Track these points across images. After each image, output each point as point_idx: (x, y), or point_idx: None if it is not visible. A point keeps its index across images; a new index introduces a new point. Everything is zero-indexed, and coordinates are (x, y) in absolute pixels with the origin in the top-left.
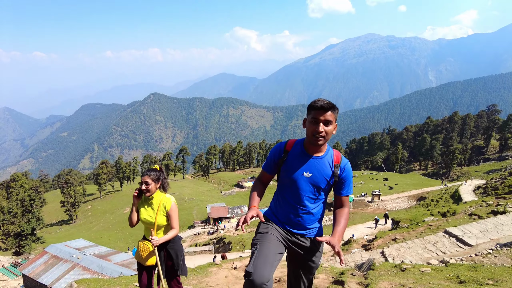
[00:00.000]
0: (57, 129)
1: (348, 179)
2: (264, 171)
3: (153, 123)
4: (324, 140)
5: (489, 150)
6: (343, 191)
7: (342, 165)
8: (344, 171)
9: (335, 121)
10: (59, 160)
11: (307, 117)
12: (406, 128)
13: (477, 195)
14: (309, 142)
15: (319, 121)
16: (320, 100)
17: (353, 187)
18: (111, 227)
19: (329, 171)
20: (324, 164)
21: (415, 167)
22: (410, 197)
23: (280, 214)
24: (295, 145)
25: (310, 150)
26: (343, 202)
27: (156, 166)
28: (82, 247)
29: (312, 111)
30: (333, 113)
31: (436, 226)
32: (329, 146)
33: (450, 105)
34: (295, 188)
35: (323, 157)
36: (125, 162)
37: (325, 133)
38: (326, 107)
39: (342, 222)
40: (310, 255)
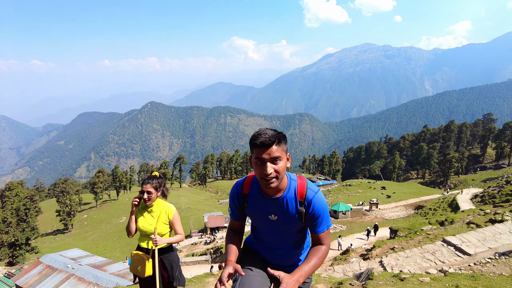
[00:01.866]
0: (54, 138)
1: (319, 214)
2: (233, 220)
3: (150, 132)
4: (278, 180)
5: (486, 158)
6: (318, 228)
7: (308, 201)
8: (312, 207)
9: (286, 153)
10: (55, 169)
11: (251, 156)
12: (403, 137)
13: (474, 204)
14: (262, 185)
15: (265, 161)
16: (261, 135)
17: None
18: (107, 237)
19: (294, 210)
20: (287, 204)
21: (413, 176)
22: (408, 205)
23: (259, 250)
24: (252, 187)
25: (267, 192)
26: (319, 239)
27: (156, 173)
28: (77, 257)
29: (254, 149)
30: (280, 146)
31: (435, 235)
32: (290, 178)
33: (446, 114)
34: (265, 230)
35: (283, 196)
36: (121, 171)
37: (276, 173)
38: (268, 143)
39: (312, 261)
40: None
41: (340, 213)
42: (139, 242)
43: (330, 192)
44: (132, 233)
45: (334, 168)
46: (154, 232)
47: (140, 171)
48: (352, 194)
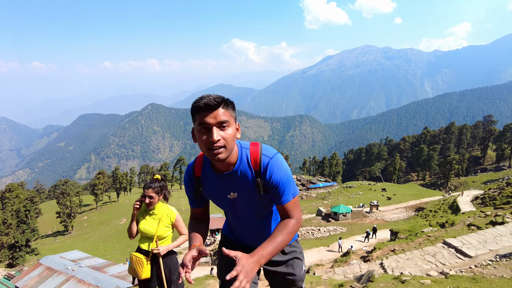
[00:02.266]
0: (54, 139)
1: (279, 181)
2: (193, 208)
3: (151, 134)
4: (226, 151)
5: (486, 160)
6: (282, 198)
7: (263, 168)
8: (269, 175)
9: (235, 121)
10: (55, 170)
11: (194, 125)
12: (403, 139)
13: (475, 206)
14: (210, 159)
15: (210, 126)
16: (204, 97)
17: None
18: (107, 238)
19: (251, 182)
20: (242, 176)
21: (413, 178)
22: (408, 207)
23: (235, 232)
24: (204, 166)
25: (219, 167)
26: (286, 211)
27: (158, 176)
28: (78, 259)
29: (197, 115)
30: (227, 110)
31: (435, 237)
32: (242, 147)
33: (446, 115)
34: (230, 211)
35: (236, 169)
36: (122, 173)
37: (224, 141)
38: (214, 104)
39: (277, 238)
40: (290, 280)
41: (340, 215)
42: (140, 244)
43: (330, 194)
44: (133, 235)
45: (334, 170)
46: (155, 244)
47: (141, 172)
48: (352, 196)
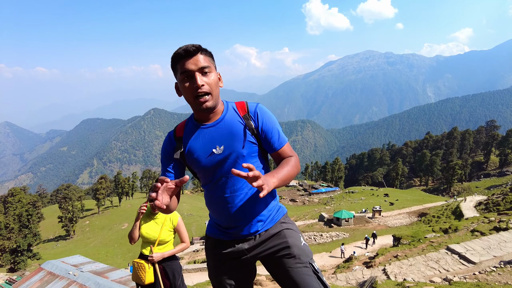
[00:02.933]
0: (57, 144)
1: (272, 125)
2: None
3: (153, 138)
4: (212, 98)
5: (489, 165)
6: (275, 144)
7: (252, 113)
8: (260, 118)
9: (216, 69)
10: (58, 175)
11: (176, 77)
12: (405, 144)
13: (478, 211)
14: (196, 110)
15: (192, 73)
16: (181, 46)
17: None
18: (109, 243)
19: (241, 129)
20: (229, 124)
21: (416, 183)
22: (411, 213)
23: (220, 218)
24: (187, 125)
25: (204, 119)
26: (285, 154)
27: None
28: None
29: (178, 64)
30: (206, 56)
31: (438, 243)
32: (227, 101)
33: (449, 120)
34: (215, 174)
35: (223, 117)
36: (124, 177)
37: (209, 87)
38: (193, 49)
39: (285, 167)
40: (286, 253)
41: (343, 220)
42: (142, 249)
43: (332, 199)
44: (135, 240)
45: (336, 175)
46: (153, 249)
47: (143, 177)
48: (355, 201)
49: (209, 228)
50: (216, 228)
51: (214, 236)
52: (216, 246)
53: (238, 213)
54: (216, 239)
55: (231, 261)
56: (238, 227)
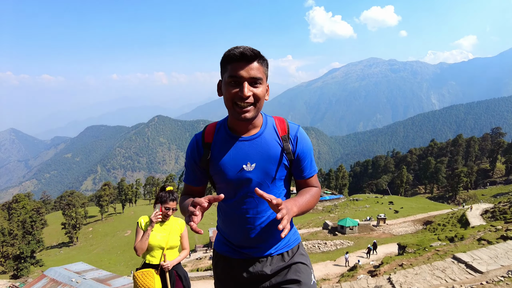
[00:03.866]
0: (61, 150)
1: (307, 152)
2: (188, 185)
3: (157, 145)
4: (254, 110)
5: (495, 173)
6: (306, 171)
7: (293, 135)
8: (299, 143)
9: (266, 80)
10: (62, 182)
11: (223, 78)
12: (410, 151)
13: (485, 220)
14: (233, 117)
15: (242, 80)
16: (240, 47)
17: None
18: (112, 250)
19: (278, 150)
20: (266, 142)
21: (420, 191)
22: (416, 221)
23: (235, 237)
24: (218, 130)
25: (240, 129)
26: (311, 183)
27: (170, 187)
28: (82, 271)
29: (229, 65)
30: (262, 66)
31: (444, 252)
32: (265, 115)
33: (453, 128)
34: (240, 191)
35: (261, 132)
36: (127, 184)
37: (254, 98)
38: (250, 55)
39: (305, 196)
40: (287, 274)
41: (347, 228)
42: (147, 257)
43: (337, 206)
44: (144, 250)
45: (340, 183)
46: (163, 257)
47: (146, 184)
48: (359, 209)
49: (218, 244)
50: (227, 246)
51: (224, 253)
52: (227, 265)
53: (257, 235)
54: (225, 257)
55: (245, 284)
56: (253, 248)
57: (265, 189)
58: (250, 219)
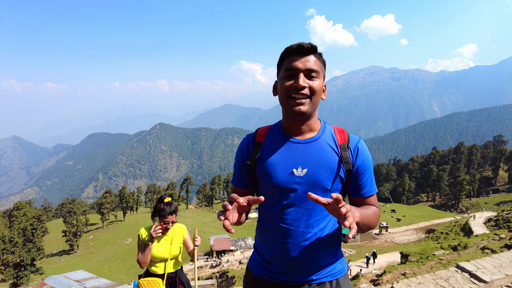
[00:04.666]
0: (63, 158)
1: (368, 166)
2: (235, 187)
3: (158, 153)
4: (310, 104)
5: (498, 181)
6: (366, 188)
7: (353, 145)
8: (359, 155)
9: (324, 78)
10: (63, 189)
11: (279, 74)
12: (412, 159)
13: (488, 228)
14: (287, 113)
15: (297, 72)
16: (299, 42)
17: None
18: (112, 258)
19: (334, 158)
20: (323, 148)
21: (423, 199)
22: (418, 229)
23: (271, 252)
24: (271, 131)
25: (294, 130)
26: (371, 204)
27: (169, 198)
28: (82, 279)
29: (285, 60)
30: (319, 60)
31: (448, 261)
32: (324, 122)
33: (455, 135)
34: (285, 198)
35: (318, 137)
36: (129, 192)
37: (310, 91)
38: (307, 47)
39: (369, 210)
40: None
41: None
42: (152, 268)
43: None
44: (147, 263)
45: None
46: (165, 267)
47: (147, 192)
48: None
49: (253, 263)
50: (263, 268)
51: (259, 275)
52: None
53: (299, 254)
54: (259, 279)
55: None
56: (293, 271)
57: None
58: (293, 233)
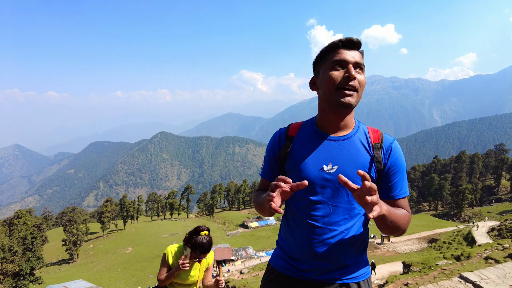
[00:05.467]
0: (64, 166)
1: (401, 169)
2: (264, 179)
3: (160, 161)
4: (357, 97)
5: (501, 190)
6: (396, 190)
7: (386, 145)
8: (392, 155)
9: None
10: (64, 197)
11: (322, 67)
12: (413, 168)
13: (491, 238)
14: (333, 105)
15: (346, 64)
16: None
17: None
18: (112, 268)
19: (366, 157)
20: (355, 146)
21: (425, 208)
22: (420, 239)
23: (295, 248)
24: (304, 127)
25: (330, 126)
26: (402, 207)
27: (206, 231)
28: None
29: (331, 53)
30: (362, 57)
31: (451, 271)
32: (358, 120)
33: (456, 144)
34: (314, 194)
35: (352, 135)
36: (129, 201)
37: (358, 84)
38: (356, 41)
39: (398, 212)
40: None
41: None
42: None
43: None
44: (165, 284)
45: None
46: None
47: (148, 200)
48: None
49: (274, 258)
50: (285, 262)
51: (279, 268)
52: (280, 285)
53: (324, 252)
54: (280, 274)
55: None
56: (316, 268)
57: (343, 198)
58: (319, 229)
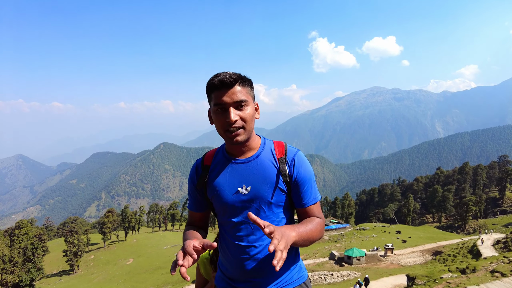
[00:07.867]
0: (67, 176)
1: (307, 178)
2: (191, 211)
3: (162, 172)
4: (245, 132)
5: (505, 201)
6: (306, 199)
7: (290, 158)
8: (296, 167)
9: (253, 99)
10: (66, 208)
11: (210, 106)
12: (416, 179)
13: (497, 250)
14: (227, 143)
15: (227, 106)
16: (219, 74)
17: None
18: (113, 279)
19: (274, 172)
20: (262, 164)
21: (428, 220)
22: (424, 251)
23: (229, 268)
24: (217, 154)
25: (236, 152)
26: (312, 213)
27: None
28: None
29: (212, 94)
30: (245, 88)
31: (456, 284)
32: (264, 138)
33: (459, 155)
34: (235, 216)
35: (258, 154)
36: (131, 211)
37: (243, 121)
38: (230, 81)
39: (307, 226)
40: None
41: (354, 259)
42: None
43: (343, 236)
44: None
45: (347, 211)
46: None
47: (150, 211)
48: (366, 238)
49: (218, 280)
50: (226, 283)
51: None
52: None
53: (253, 268)
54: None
55: None
56: (249, 283)
57: (261, 215)
58: (245, 248)
